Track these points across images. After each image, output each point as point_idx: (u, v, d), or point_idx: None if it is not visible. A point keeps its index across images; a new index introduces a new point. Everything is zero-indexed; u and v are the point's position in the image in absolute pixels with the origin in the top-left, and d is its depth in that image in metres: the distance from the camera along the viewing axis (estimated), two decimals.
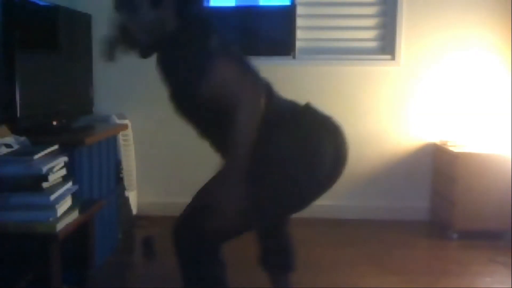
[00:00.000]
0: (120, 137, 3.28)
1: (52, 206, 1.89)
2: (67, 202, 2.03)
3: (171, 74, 1.67)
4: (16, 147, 2.04)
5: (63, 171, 2.05)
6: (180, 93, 1.67)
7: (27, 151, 1.99)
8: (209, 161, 1.82)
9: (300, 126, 1.68)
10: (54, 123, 2.54)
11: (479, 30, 3.51)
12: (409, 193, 3.65)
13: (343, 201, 3.66)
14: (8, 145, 2.01)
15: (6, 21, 2.23)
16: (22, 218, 1.86)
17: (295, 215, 2.00)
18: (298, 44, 3.51)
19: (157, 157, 3.65)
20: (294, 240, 2.08)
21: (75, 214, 2.05)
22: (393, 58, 3.57)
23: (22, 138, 2.11)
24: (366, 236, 3.33)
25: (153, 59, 1.80)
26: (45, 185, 1.89)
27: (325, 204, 3.70)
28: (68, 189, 2.04)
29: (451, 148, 3.34)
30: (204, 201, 1.71)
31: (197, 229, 1.68)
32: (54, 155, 2.03)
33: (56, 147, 2.08)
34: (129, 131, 3.43)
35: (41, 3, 2.56)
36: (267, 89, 1.70)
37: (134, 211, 3.48)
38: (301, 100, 1.86)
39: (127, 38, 1.80)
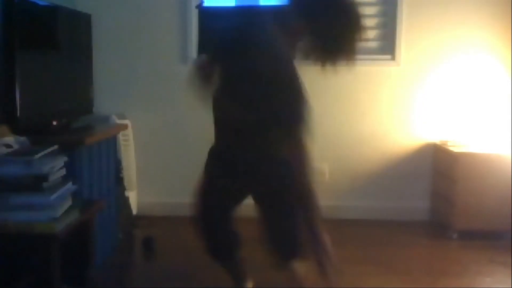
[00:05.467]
0: (120, 137, 3.27)
1: (52, 206, 1.90)
2: (67, 202, 2.03)
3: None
4: (16, 147, 2.04)
5: (63, 171, 2.05)
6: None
7: (27, 151, 1.99)
8: None
9: None
10: (54, 123, 2.54)
11: (479, 30, 3.51)
12: (409, 193, 3.65)
13: (343, 201, 3.66)
14: (8, 145, 2.01)
15: (6, 21, 2.23)
16: (22, 218, 1.86)
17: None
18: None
19: (157, 157, 3.65)
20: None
21: (75, 214, 2.05)
22: (393, 58, 3.56)
23: (22, 138, 2.12)
24: (366, 236, 3.33)
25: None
26: (45, 185, 1.90)
27: (325, 204, 3.70)
28: (68, 189, 2.04)
29: (451, 148, 3.34)
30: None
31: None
32: (54, 155, 2.03)
33: (56, 147, 2.07)
34: (129, 131, 3.43)
35: (41, 3, 2.55)
36: None
37: (134, 211, 3.48)
38: None
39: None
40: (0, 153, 1.94)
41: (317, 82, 3.79)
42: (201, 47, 3.54)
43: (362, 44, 1.81)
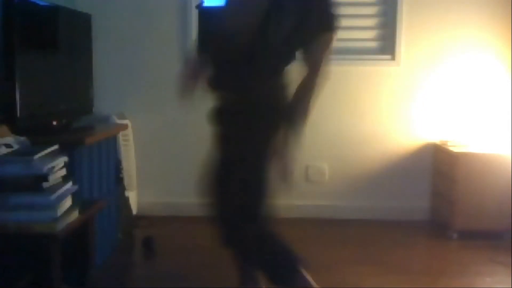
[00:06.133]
0: (120, 137, 3.28)
1: (52, 206, 1.90)
2: (67, 202, 2.03)
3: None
4: (16, 147, 2.04)
5: (63, 171, 2.05)
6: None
7: (27, 151, 1.99)
8: None
9: None
10: (54, 123, 2.54)
11: (479, 30, 3.51)
12: (409, 193, 3.65)
13: (343, 201, 3.66)
14: (8, 145, 2.01)
15: (6, 21, 2.23)
16: (22, 218, 1.86)
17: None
18: None
19: (157, 157, 3.65)
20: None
21: (75, 214, 2.05)
22: (393, 58, 3.56)
23: (22, 138, 2.11)
24: (366, 236, 3.33)
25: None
26: (45, 185, 1.90)
27: (325, 204, 3.73)
28: (68, 189, 2.04)
29: (451, 148, 3.34)
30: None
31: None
32: (54, 155, 2.03)
33: (56, 147, 2.08)
34: (129, 131, 3.43)
35: (41, 3, 2.56)
36: None
37: (134, 211, 3.48)
38: None
39: None
40: (0, 153, 1.94)
41: None
42: (201, 47, 3.54)
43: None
